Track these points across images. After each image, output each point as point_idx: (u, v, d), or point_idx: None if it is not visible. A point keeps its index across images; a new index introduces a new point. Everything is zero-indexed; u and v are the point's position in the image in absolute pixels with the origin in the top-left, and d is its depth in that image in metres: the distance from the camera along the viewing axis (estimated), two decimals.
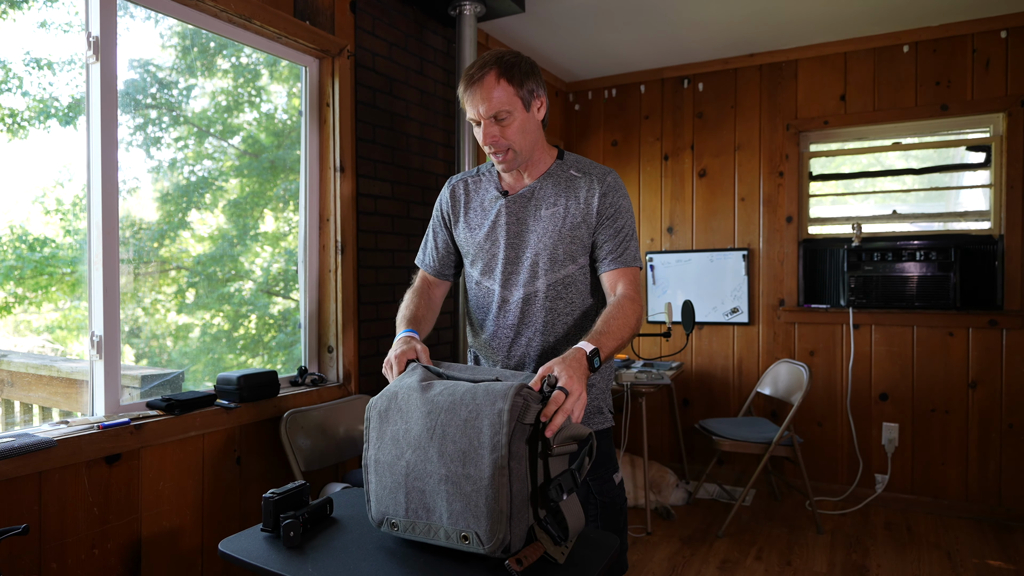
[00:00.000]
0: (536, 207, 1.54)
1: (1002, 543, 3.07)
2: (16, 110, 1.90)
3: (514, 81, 1.44)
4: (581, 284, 1.56)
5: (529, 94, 1.47)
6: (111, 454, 1.74)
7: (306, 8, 2.37)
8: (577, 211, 1.52)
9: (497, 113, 1.44)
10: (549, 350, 1.55)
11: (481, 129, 1.48)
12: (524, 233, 1.55)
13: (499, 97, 1.43)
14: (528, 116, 1.48)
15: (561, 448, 1.16)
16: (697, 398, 4.04)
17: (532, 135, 1.51)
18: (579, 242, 1.53)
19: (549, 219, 1.53)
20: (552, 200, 1.53)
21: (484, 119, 1.46)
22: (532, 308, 1.55)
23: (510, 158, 1.50)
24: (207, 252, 2.51)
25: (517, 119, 1.46)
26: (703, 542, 3.12)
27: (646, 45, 3.70)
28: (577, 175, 1.55)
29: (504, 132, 1.46)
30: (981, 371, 3.36)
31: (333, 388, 2.47)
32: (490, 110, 1.44)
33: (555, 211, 1.52)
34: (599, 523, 1.60)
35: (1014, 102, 3.29)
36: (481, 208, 1.61)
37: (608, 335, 1.35)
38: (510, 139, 1.47)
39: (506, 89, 1.43)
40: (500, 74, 1.43)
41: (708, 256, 3.96)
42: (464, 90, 1.48)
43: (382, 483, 1.21)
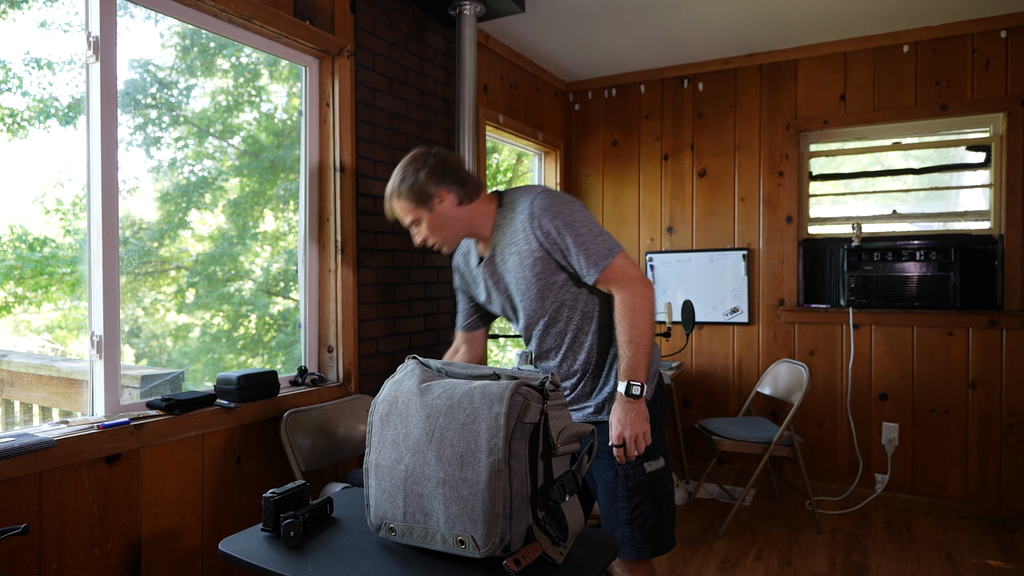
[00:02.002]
0: (502, 262, 1.73)
1: (1002, 543, 3.07)
2: (16, 110, 1.90)
3: (407, 198, 1.68)
4: (568, 299, 1.70)
5: (426, 199, 1.67)
6: (111, 454, 1.74)
7: (306, 8, 2.37)
8: (527, 252, 1.67)
9: (411, 221, 1.70)
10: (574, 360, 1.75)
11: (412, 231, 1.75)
12: (506, 287, 1.75)
13: (404, 211, 1.70)
14: (434, 214, 1.68)
15: (565, 448, 1.16)
16: (697, 398, 4.04)
17: (450, 223, 1.70)
18: (546, 274, 1.68)
19: (514, 270, 1.71)
20: (508, 251, 1.71)
21: (407, 226, 1.74)
22: (545, 338, 1.76)
23: (439, 246, 1.74)
24: (207, 252, 2.51)
25: (426, 219, 1.69)
26: (703, 542, 3.12)
27: (646, 45, 3.70)
28: (512, 215, 1.71)
29: (423, 231, 1.71)
30: (981, 371, 3.36)
31: (333, 388, 2.47)
32: (406, 221, 1.71)
33: (514, 261, 1.70)
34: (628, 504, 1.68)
35: (1014, 102, 3.29)
36: (473, 279, 1.85)
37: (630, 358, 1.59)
38: (431, 235, 1.71)
39: (405, 206, 1.69)
40: (397, 198, 1.70)
41: (708, 256, 3.96)
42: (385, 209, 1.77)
43: (381, 487, 1.22)
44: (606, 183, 4.30)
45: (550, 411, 1.16)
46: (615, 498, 1.70)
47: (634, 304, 1.59)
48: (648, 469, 1.69)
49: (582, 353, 1.72)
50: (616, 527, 1.71)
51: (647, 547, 1.68)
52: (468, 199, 1.70)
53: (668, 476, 1.73)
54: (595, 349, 1.72)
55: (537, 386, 1.18)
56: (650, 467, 1.69)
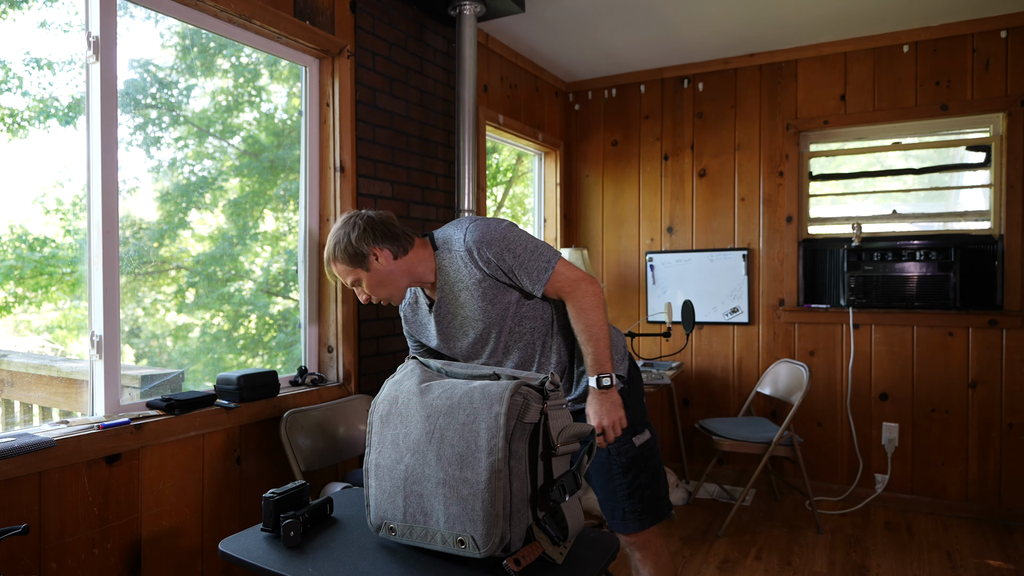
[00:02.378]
0: (454, 299, 1.74)
1: (1002, 543, 3.07)
2: (16, 110, 1.90)
3: (343, 261, 1.70)
4: (526, 313, 1.74)
5: (361, 259, 1.69)
6: (111, 454, 1.74)
7: (306, 8, 2.37)
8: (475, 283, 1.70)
9: (352, 281, 1.73)
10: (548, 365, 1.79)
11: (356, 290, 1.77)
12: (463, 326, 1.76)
13: (343, 274, 1.72)
14: (372, 272, 1.70)
15: (565, 447, 1.16)
16: (697, 398, 4.04)
17: (390, 277, 1.72)
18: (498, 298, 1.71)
19: (469, 302, 1.72)
20: (458, 286, 1.73)
21: (350, 288, 1.77)
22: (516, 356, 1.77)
23: (385, 300, 1.76)
24: (207, 252, 2.51)
25: (365, 278, 1.71)
26: (703, 542, 3.12)
27: (646, 45, 3.70)
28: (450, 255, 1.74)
29: (366, 291, 1.73)
30: (981, 371, 3.36)
31: (333, 388, 2.47)
32: (347, 282, 1.74)
33: (465, 294, 1.72)
34: (626, 480, 1.77)
35: (1014, 102, 3.29)
36: (422, 325, 1.86)
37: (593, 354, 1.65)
38: (373, 292, 1.73)
39: (342, 268, 1.71)
40: (334, 262, 1.73)
41: (708, 256, 3.96)
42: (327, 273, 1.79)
43: (381, 487, 1.22)
44: (606, 183, 4.30)
45: (550, 411, 1.16)
46: (610, 477, 1.78)
47: (583, 304, 1.67)
48: (637, 442, 1.79)
49: (553, 356, 1.78)
50: (616, 505, 1.79)
51: (649, 516, 1.78)
52: (403, 251, 1.72)
53: (656, 446, 1.84)
54: (563, 349, 1.78)
55: (537, 386, 1.18)
56: (639, 440, 1.80)
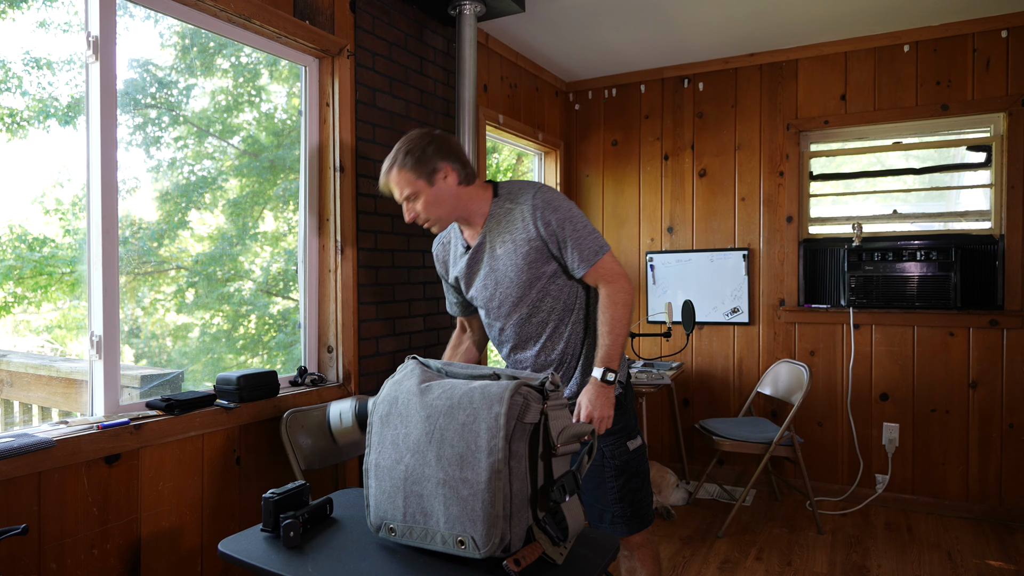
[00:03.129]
0: (492, 250, 1.77)
1: (1002, 543, 3.07)
2: (16, 110, 1.90)
3: (410, 169, 1.69)
4: (553, 290, 1.77)
5: (430, 173, 1.69)
6: (111, 454, 1.73)
7: (306, 8, 2.37)
8: (523, 241, 1.73)
9: (408, 194, 1.71)
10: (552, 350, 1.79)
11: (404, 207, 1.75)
12: (492, 274, 1.78)
13: (402, 184, 1.70)
14: (435, 189, 1.70)
15: (565, 448, 1.16)
16: (697, 398, 4.03)
17: (447, 201, 1.73)
18: (537, 263, 1.74)
19: (505, 256, 1.75)
20: (501, 239, 1.76)
21: (402, 200, 1.73)
22: (525, 328, 1.79)
23: (432, 224, 1.76)
24: (207, 252, 2.51)
25: (424, 195, 1.70)
26: (703, 542, 3.12)
27: (646, 45, 3.70)
28: (512, 206, 1.76)
29: (418, 208, 1.72)
30: (982, 371, 3.36)
31: (333, 388, 2.47)
32: (402, 194, 1.71)
33: (507, 248, 1.74)
34: (617, 483, 1.78)
35: (1015, 102, 3.29)
36: (456, 265, 1.87)
37: (603, 347, 1.68)
38: (426, 212, 1.72)
39: (405, 176, 1.69)
40: (399, 167, 1.70)
41: (708, 256, 3.96)
42: (381, 183, 1.76)
43: (381, 487, 1.21)
44: (606, 183, 4.30)
45: (550, 411, 1.16)
46: (602, 480, 1.79)
47: (618, 299, 1.70)
48: (631, 447, 1.81)
49: (560, 343, 1.78)
50: (605, 508, 1.79)
51: (636, 522, 1.80)
52: (467, 181, 1.74)
53: (646, 454, 1.88)
54: (572, 340, 1.79)
55: (537, 386, 1.18)
56: (632, 445, 1.82)
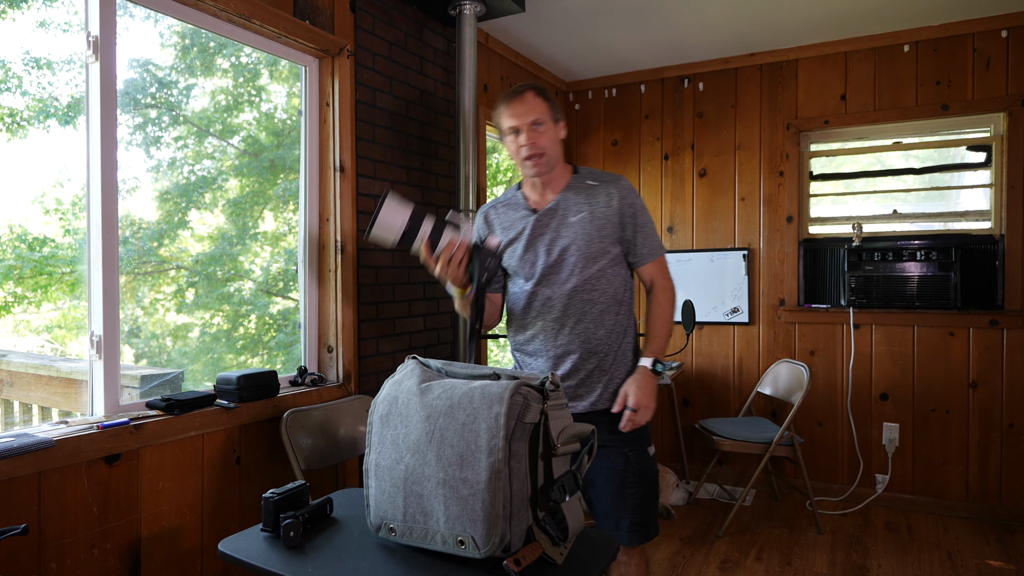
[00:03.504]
0: (564, 216, 1.80)
1: (1002, 543, 3.07)
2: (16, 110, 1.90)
3: (547, 99, 1.77)
4: (610, 274, 1.81)
5: (556, 114, 1.79)
6: (111, 454, 1.73)
7: (306, 7, 2.37)
8: (601, 214, 1.78)
9: (536, 119, 1.73)
10: (588, 336, 1.78)
11: (522, 136, 1.75)
12: (558, 239, 1.79)
13: (536, 107, 1.74)
14: (555, 130, 1.79)
15: (565, 448, 1.16)
16: (697, 398, 4.03)
17: (558, 147, 1.80)
18: (607, 240, 1.79)
19: (579, 224, 1.78)
20: (576, 209, 1.79)
21: (525, 124, 1.74)
22: (572, 301, 1.78)
23: (543, 162, 1.76)
24: (207, 252, 2.51)
25: (549, 130, 1.76)
26: (703, 542, 3.12)
27: (646, 45, 3.70)
28: (594, 183, 1.82)
29: (539, 139, 1.74)
30: (982, 371, 3.36)
31: (333, 388, 2.47)
32: (530, 117, 1.73)
33: (582, 216, 1.78)
34: (638, 490, 1.78)
35: (1015, 101, 3.29)
36: (512, 228, 1.86)
37: (657, 339, 1.79)
38: (544, 146, 1.75)
39: (542, 104, 1.75)
40: (536, 93, 1.76)
41: (708, 256, 3.96)
42: (506, 104, 1.76)
43: (381, 487, 1.21)
44: None
45: (550, 411, 1.16)
46: (623, 485, 1.77)
47: (672, 297, 1.84)
48: (650, 454, 1.82)
49: (602, 330, 1.79)
50: (622, 516, 1.77)
51: (650, 529, 1.81)
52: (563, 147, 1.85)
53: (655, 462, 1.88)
54: (614, 331, 1.80)
55: (537, 386, 1.17)
56: (650, 451, 1.83)
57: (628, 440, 1.78)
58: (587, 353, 1.78)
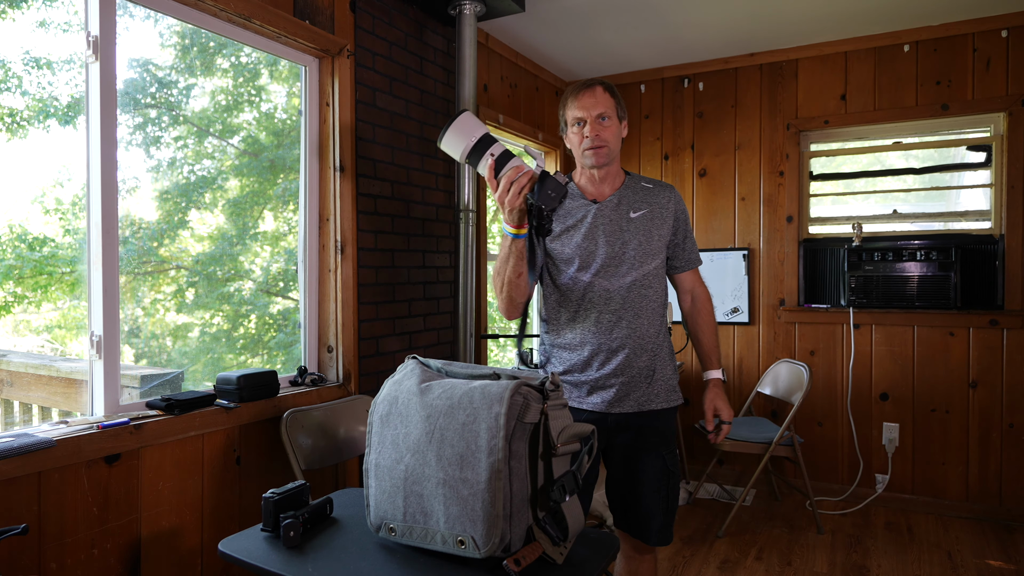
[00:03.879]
0: (625, 211, 1.81)
1: (1002, 543, 3.07)
2: (16, 110, 1.90)
3: (614, 96, 1.79)
4: (660, 277, 1.87)
5: (622, 111, 1.81)
6: (111, 454, 1.73)
7: (306, 7, 2.37)
8: (660, 216, 1.83)
9: (603, 113, 1.74)
10: (642, 332, 1.80)
11: (587, 127, 1.76)
12: (620, 232, 1.80)
13: (604, 101, 1.75)
14: (619, 127, 1.80)
15: (565, 448, 1.16)
16: (697, 398, 4.03)
17: (619, 143, 1.82)
18: (662, 240, 1.84)
19: (640, 221, 1.81)
20: (637, 206, 1.82)
21: (591, 117, 1.75)
22: (631, 295, 1.79)
23: (604, 153, 1.77)
24: (207, 252, 2.51)
25: (614, 124, 1.78)
26: (703, 542, 3.12)
27: (646, 44, 3.70)
28: (649, 186, 1.87)
29: (603, 131, 1.76)
30: (982, 371, 3.36)
31: (333, 388, 2.47)
32: (597, 110, 1.74)
33: (643, 214, 1.81)
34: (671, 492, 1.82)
35: (1015, 101, 3.29)
36: (570, 215, 1.85)
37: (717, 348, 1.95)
38: (607, 139, 1.76)
39: (610, 99, 1.77)
40: (605, 88, 1.78)
41: (708, 256, 3.96)
42: (575, 96, 1.77)
43: (381, 487, 1.21)
44: None
45: (550, 411, 1.16)
46: (659, 487, 1.80)
47: (711, 306, 1.95)
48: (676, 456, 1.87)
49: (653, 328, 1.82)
50: (655, 516, 1.80)
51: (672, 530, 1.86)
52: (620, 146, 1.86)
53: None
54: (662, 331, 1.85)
55: (537, 386, 1.18)
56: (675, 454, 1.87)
57: (664, 442, 1.82)
58: (639, 350, 1.78)
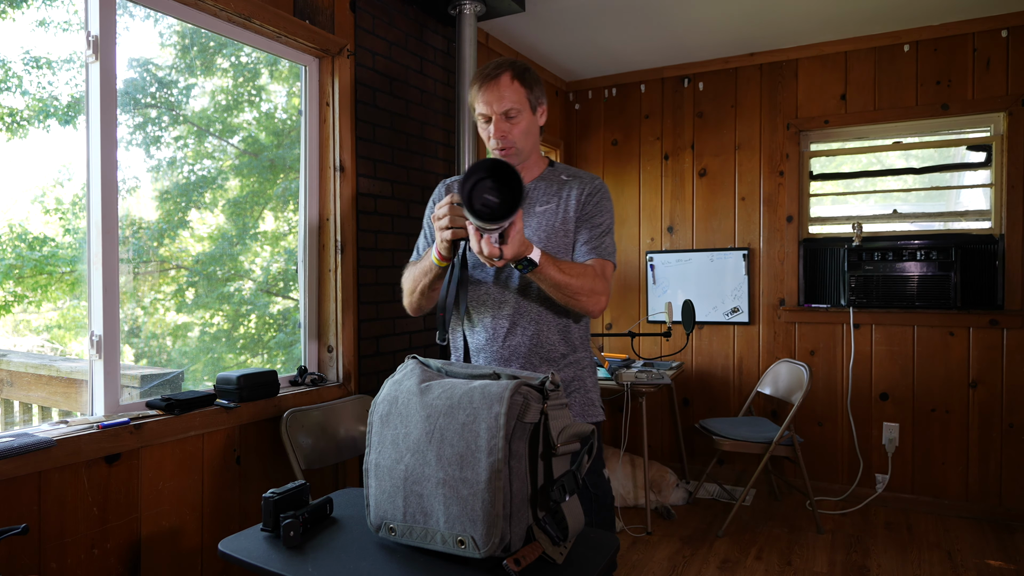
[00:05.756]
0: (529, 206, 1.62)
1: (1002, 543, 3.07)
2: (16, 109, 1.90)
3: (525, 84, 1.56)
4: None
5: (536, 99, 1.58)
6: (111, 454, 1.73)
7: (306, 7, 2.37)
8: (565, 210, 1.61)
9: (508, 110, 1.54)
10: (542, 340, 1.60)
11: (492, 125, 1.57)
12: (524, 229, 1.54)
13: (511, 96, 1.54)
14: (533, 119, 1.59)
15: (565, 447, 1.15)
16: (697, 398, 4.03)
17: (533, 138, 1.61)
18: (566, 238, 1.60)
19: (541, 216, 1.61)
20: (544, 199, 1.62)
21: (496, 115, 1.55)
22: (526, 300, 1.59)
23: (512, 153, 1.59)
24: (207, 251, 2.51)
25: (524, 119, 1.56)
26: (703, 542, 3.12)
27: (646, 44, 3.70)
28: (567, 179, 1.65)
29: (512, 130, 1.56)
30: (982, 371, 3.36)
31: (333, 388, 2.47)
32: (503, 107, 1.54)
33: (547, 208, 1.61)
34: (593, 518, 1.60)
35: (1015, 101, 3.29)
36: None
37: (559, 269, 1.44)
38: (515, 138, 1.57)
39: (518, 90, 1.54)
40: (514, 76, 1.54)
41: (708, 256, 3.96)
42: (479, 87, 1.56)
43: (381, 487, 1.21)
44: (606, 183, 4.29)
45: (550, 411, 1.16)
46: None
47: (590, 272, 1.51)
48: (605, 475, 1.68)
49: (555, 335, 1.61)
50: None
51: None
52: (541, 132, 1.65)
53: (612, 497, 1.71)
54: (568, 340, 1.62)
55: (537, 386, 1.18)
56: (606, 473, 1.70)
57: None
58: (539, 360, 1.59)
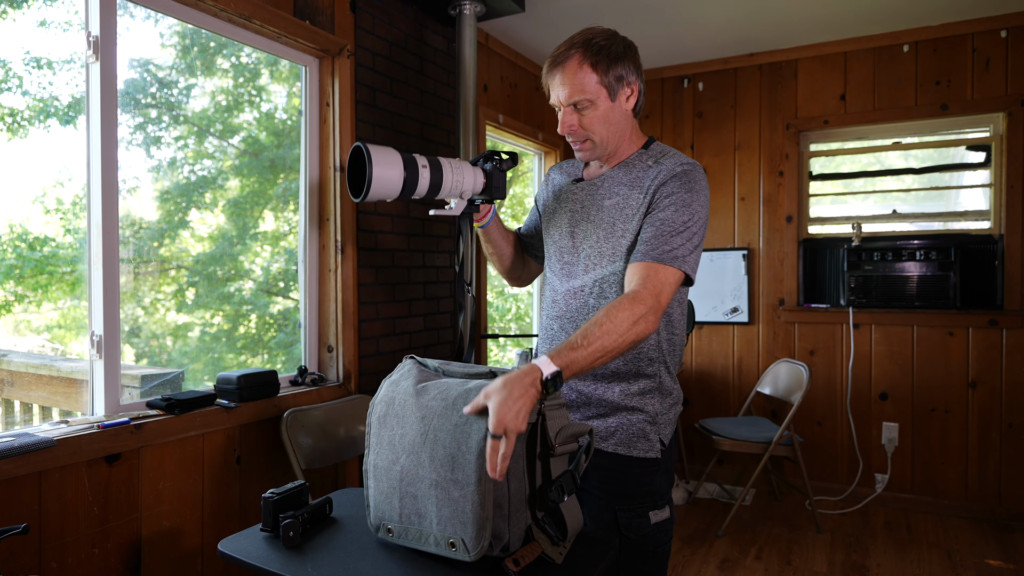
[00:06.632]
0: (601, 197, 1.41)
1: (1002, 543, 3.07)
2: (16, 109, 1.90)
3: (599, 68, 1.31)
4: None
5: (617, 82, 1.33)
6: (111, 454, 1.74)
7: (306, 7, 2.37)
8: (637, 202, 1.35)
9: (577, 101, 1.33)
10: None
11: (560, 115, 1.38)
12: (583, 223, 1.43)
13: (579, 84, 1.31)
14: (613, 106, 1.35)
15: (563, 447, 1.16)
16: (697, 397, 4.03)
17: (617, 126, 1.37)
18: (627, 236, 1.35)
19: (608, 210, 1.39)
20: (617, 190, 1.39)
21: (563, 106, 1.36)
22: (576, 302, 1.41)
23: (588, 147, 1.39)
24: (207, 251, 2.51)
25: (600, 108, 1.34)
26: (703, 542, 3.12)
27: (646, 45, 3.70)
28: (652, 164, 1.38)
29: (583, 121, 1.35)
30: (981, 371, 3.36)
31: (333, 388, 2.47)
32: (569, 97, 1.33)
33: (616, 201, 1.38)
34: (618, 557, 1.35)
35: (1014, 102, 3.29)
36: (556, 195, 1.52)
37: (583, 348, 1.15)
38: (589, 129, 1.36)
39: (589, 76, 1.31)
40: (584, 59, 1.31)
41: (708, 256, 3.96)
42: (546, 72, 1.37)
43: (379, 488, 1.22)
44: None
45: (548, 411, 1.16)
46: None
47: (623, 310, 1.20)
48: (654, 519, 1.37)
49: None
50: None
51: None
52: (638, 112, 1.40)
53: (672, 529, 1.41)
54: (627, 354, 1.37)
55: None
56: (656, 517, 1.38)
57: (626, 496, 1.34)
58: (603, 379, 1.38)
